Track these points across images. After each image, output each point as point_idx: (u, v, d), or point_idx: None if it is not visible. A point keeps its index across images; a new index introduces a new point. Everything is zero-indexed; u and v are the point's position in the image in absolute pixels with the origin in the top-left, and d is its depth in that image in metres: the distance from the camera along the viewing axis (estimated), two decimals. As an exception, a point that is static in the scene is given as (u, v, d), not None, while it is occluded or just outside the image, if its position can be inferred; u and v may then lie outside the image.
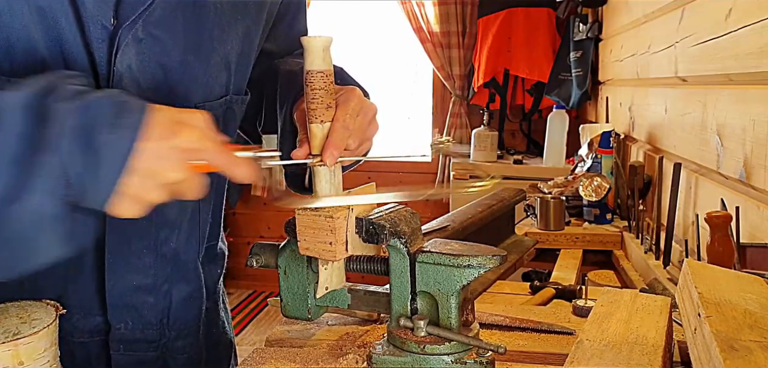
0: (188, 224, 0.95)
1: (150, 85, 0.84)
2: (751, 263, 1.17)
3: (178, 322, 0.97)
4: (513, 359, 0.90)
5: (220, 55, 0.90)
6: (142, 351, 0.95)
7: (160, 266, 0.93)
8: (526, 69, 3.78)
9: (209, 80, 0.90)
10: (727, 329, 0.63)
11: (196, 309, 0.99)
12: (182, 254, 0.95)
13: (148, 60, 0.84)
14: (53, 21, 0.78)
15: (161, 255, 0.93)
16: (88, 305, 0.92)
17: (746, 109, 1.35)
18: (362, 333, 0.95)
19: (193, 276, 0.97)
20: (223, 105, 0.93)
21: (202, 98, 0.89)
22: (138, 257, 0.91)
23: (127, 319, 0.93)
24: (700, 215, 1.39)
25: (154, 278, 0.93)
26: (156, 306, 0.94)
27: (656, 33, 2.07)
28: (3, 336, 0.69)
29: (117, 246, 0.89)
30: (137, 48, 0.82)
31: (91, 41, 0.81)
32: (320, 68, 0.76)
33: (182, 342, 0.98)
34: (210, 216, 1.01)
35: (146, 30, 0.83)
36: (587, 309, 1.02)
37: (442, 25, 4.03)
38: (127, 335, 0.93)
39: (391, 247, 0.78)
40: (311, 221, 0.77)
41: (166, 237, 0.92)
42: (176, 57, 0.86)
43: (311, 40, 0.75)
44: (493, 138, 3.54)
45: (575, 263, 1.81)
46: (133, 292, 0.92)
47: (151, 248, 0.91)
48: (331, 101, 0.77)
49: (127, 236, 0.89)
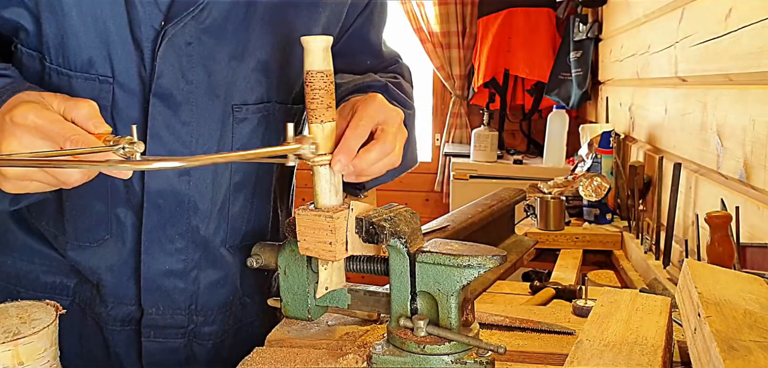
0: (218, 214, 0.99)
1: (191, 83, 0.90)
2: (751, 263, 1.17)
3: (205, 308, 1.02)
4: (513, 359, 0.90)
5: (260, 62, 0.94)
6: (170, 338, 1.01)
7: (190, 251, 0.98)
8: (526, 69, 3.78)
9: (248, 84, 0.94)
10: (726, 329, 0.63)
11: (223, 296, 1.04)
12: (211, 241, 1.00)
13: (194, 61, 0.90)
14: (103, 24, 0.87)
15: (192, 241, 0.98)
16: (122, 293, 0.98)
17: (746, 109, 1.35)
18: (362, 333, 0.95)
19: (221, 263, 1.02)
20: (260, 110, 0.96)
21: (240, 101, 0.94)
22: (171, 242, 0.97)
23: (159, 303, 0.99)
24: (700, 215, 1.39)
25: (185, 263, 0.98)
26: (185, 290, 0.99)
27: (656, 33, 2.07)
28: (3, 336, 0.69)
29: (153, 231, 0.95)
30: (186, 49, 0.88)
31: (141, 40, 0.88)
32: (320, 68, 0.76)
33: (208, 328, 1.03)
34: (248, 210, 1.03)
35: (196, 35, 0.89)
36: (587, 309, 1.02)
37: (442, 25, 4.03)
38: (158, 320, 0.99)
39: (391, 247, 0.78)
40: (311, 221, 0.77)
41: (197, 225, 0.97)
42: (221, 60, 0.91)
43: (311, 40, 0.75)
44: (493, 138, 3.54)
45: (575, 263, 1.81)
46: (164, 276, 0.98)
47: (183, 234, 0.97)
48: (331, 101, 0.77)
49: (162, 221, 0.95)
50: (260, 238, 1.05)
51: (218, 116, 0.94)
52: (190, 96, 0.91)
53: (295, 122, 1.03)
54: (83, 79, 0.89)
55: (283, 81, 0.98)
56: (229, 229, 1.02)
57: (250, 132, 0.97)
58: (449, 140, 4.13)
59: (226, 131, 0.95)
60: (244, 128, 0.96)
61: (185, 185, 0.95)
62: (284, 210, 1.18)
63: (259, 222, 1.06)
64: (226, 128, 0.95)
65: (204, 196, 0.96)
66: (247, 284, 1.09)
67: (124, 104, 0.90)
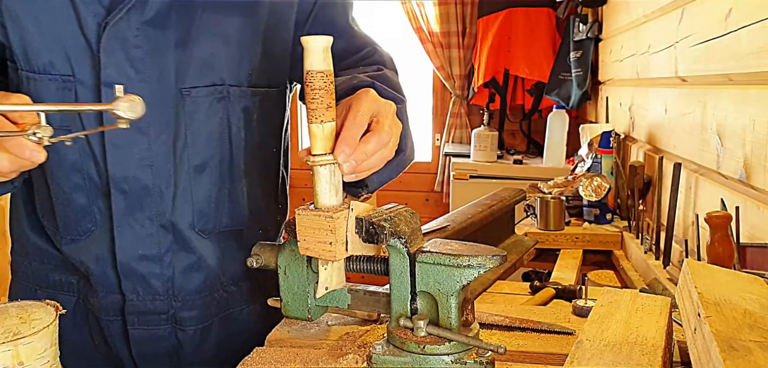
0: (182, 198, 1.01)
1: (142, 72, 0.95)
2: (751, 263, 1.17)
3: (182, 292, 1.05)
4: (513, 359, 0.90)
5: (207, 47, 0.97)
6: (154, 325, 1.04)
7: (161, 236, 1.02)
8: (526, 69, 3.78)
9: (197, 69, 0.98)
10: (726, 329, 0.63)
11: (199, 280, 1.06)
12: (178, 225, 1.02)
13: (143, 52, 0.95)
14: (55, 27, 0.93)
15: (161, 226, 1.01)
16: (108, 281, 1.03)
17: (746, 109, 1.35)
18: (362, 333, 0.95)
19: (192, 247, 1.04)
20: (212, 92, 0.99)
21: (190, 85, 0.98)
22: (142, 226, 1.00)
23: (138, 289, 1.03)
24: (700, 215, 1.39)
25: (158, 247, 1.02)
26: (161, 275, 1.03)
27: (656, 33, 2.07)
28: (3, 336, 0.69)
29: (122, 217, 1.00)
30: (133, 41, 0.93)
31: (89, 37, 0.93)
32: (320, 68, 0.76)
33: (188, 313, 1.06)
34: (215, 194, 1.04)
35: (141, 27, 0.93)
36: (587, 309, 1.02)
37: (442, 25, 4.03)
38: (139, 306, 1.03)
39: (391, 247, 0.78)
40: (311, 221, 0.77)
41: (164, 210, 1.01)
42: (168, 48, 0.95)
43: (311, 40, 0.75)
44: (493, 138, 3.54)
45: (575, 263, 1.81)
46: (139, 261, 1.01)
47: (152, 218, 1.00)
48: (331, 100, 0.77)
49: (130, 207, 0.99)
50: (237, 224, 1.08)
51: (171, 101, 0.97)
52: (141, 85, 0.95)
53: (256, 104, 1.05)
54: (48, 80, 0.96)
55: (233, 65, 1.00)
56: (197, 212, 1.03)
57: (205, 114, 1.00)
58: (449, 140, 4.13)
59: (180, 114, 0.98)
60: (197, 111, 0.99)
61: (147, 171, 0.99)
62: (273, 199, 1.18)
63: (233, 208, 1.07)
64: (179, 112, 0.98)
65: (167, 181, 1.00)
66: (230, 271, 1.10)
67: (86, 99, 0.96)
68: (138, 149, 0.97)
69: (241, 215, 1.08)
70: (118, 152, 0.97)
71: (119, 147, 0.97)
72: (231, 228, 1.08)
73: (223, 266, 1.08)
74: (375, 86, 0.94)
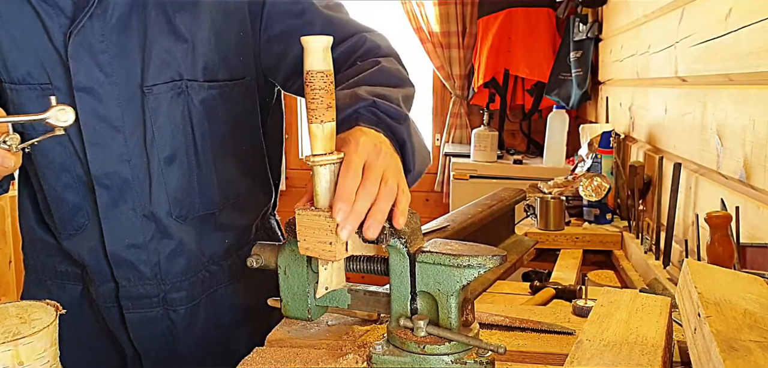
0: (157, 188, 1.07)
1: (111, 75, 1.01)
2: (751, 263, 1.17)
3: (169, 275, 1.11)
4: (513, 359, 0.90)
5: (163, 47, 1.03)
6: (147, 308, 1.11)
7: (144, 225, 1.08)
8: (526, 69, 3.78)
9: (156, 67, 1.03)
10: (726, 329, 0.63)
11: (183, 264, 1.12)
12: (157, 214, 1.08)
13: (109, 56, 1.00)
14: (27, 38, 0.99)
15: (143, 216, 1.07)
16: (102, 271, 1.10)
17: (746, 109, 1.35)
18: (362, 333, 0.95)
19: (172, 234, 1.10)
20: (172, 88, 1.04)
21: (151, 82, 1.03)
22: (126, 218, 1.07)
23: (129, 275, 1.09)
24: (700, 215, 1.39)
25: (143, 236, 1.08)
26: (148, 261, 1.09)
27: (656, 33, 2.07)
28: (3, 336, 0.69)
29: (107, 210, 1.06)
30: (99, 46, 0.99)
31: (58, 46, 0.99)
32: (320, 68, 0.76)
33: (177, 294, 1.12)
34: (188, 183, 1.09)
35: (105, 32, 0.99)
36: (587, 309, 1.02)
37: (442, 25, 4.03)
38: (132, 291, 1.10)
39: (391, 247, 0.78)
40: (311, 221, 0.77)
41: (143, 201, 1.07)
42: (132, 50, 1.01)
43: (310, 40, 0.75)
44: (493, 138, 3.54)
45: (575, 263, 1.81)
46: (127, 249, 1.08)
47: (135, 209, 1.07)
48: (331, 100, 0.77)
49: (113, 200, 1.06)
50: (211, 208, 1.13)
51: (138, 99, 1.03)
52: (111, 86, 1.01)
53: (216, 96, 1.09)
54: (28, 90, 1.02)
55: (188, 61, 1.05)
56: (172, 201, 1.09)
57: (167, 109, 1.05)
58: (449, 140, 4.13)
59: (146, 110, 1.04)
60: (160, 106, 1.04)
61: (126, 166, 1.05)
62: (255, 180, 1.21)
63: (204, 193, 1.12)
64: (145, 108, 1.04)
65: (143, 173, 1.06)
66: (208, 252, 1.15)
67: (62, 101, 0.97)
68: (116, 145, 1.04)
69: (213, 199, 1.13)
70: (99, 151, 1.03)
71: (99, 146, 1.03)
72: (204, 212, 1.13)
73: (202, 249, 1.15)
74: (376, 106, 0.91)
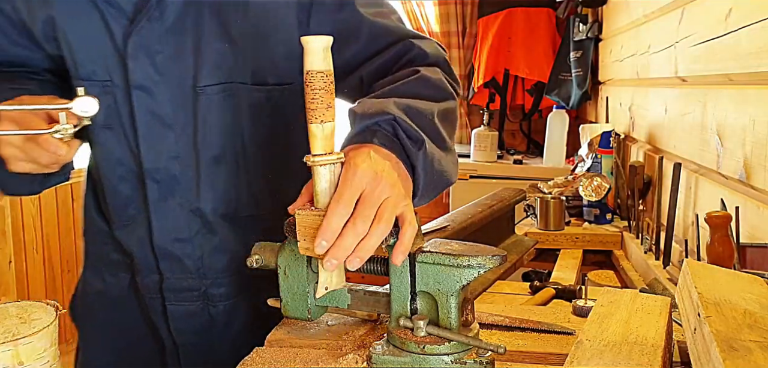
0: (204, 186, 1.10)
1: (164, 74, 1.05)
2: (751, 263, 1.17)
3: (211, 271, 1.14)
4: (513, 359, 0.90)
5: (217, 50, 1.06)
6: (188, 301, 1.15)
7: (190, 220, 1.12)
8: (526, 69, 3.78)
9: (209, 69, 1.06)
10: (726, 329, 0.63)
11: (225, 261, 1.15)
12: (203, 211, 1.12)
13: (164, 56, 1.04)
14: (93, 39, 1.05)
15: (190, 211, 1.11)
16: (149, 262, 1.14)
17: (746, 109, 1.35)
18: (362, 333, 0.95)
19: (216, 231, 1.13)
20: (224, 90, 1.08)
21: (204, 83, 1.06)
22: (174, 213, 1.11)
23: (173, 268, 1.13)
24: (700, 215, 1.39)
25: (188, 231, 1.12)
26: (192, 255, 1.13)
27: (656, 33, 2.07)
28: (3, 336, 0.69)
29: (157, 203, 1.10)
30: (156, 47, 1.03)
31: (120, 46, 1.04)
32: (320, 68, 0.76)
33: (218, 290, 1.15)
34: (234, 182, 1.12)
35: (162, 33, 1.03)
36: (587, 309, 1.02)
37: (442, 25, 4.03)
38: (175, 283, 1.14)
39: (391, 247, 0.78)
40: (311, 221, 0.77)
41: (190, 198, 1.11)
42: (186, 51, 1.05)
43: (310, 40, 0.75)
44: (493, 138, 3.54)
45: (575, 263, 1.81)
46: (173, 243, 1.12)
47: (182, 205, 1.11)
48: (331, 100, 0.77)
49: (163, 194, 1.10)
50: (256, 211, 1.15)
51: (189, 98, 1.07)
52: (164, 85, 1.05)
53: (264, 100, 1.11)
54: (91, 86, 1.06)
55: (238, 64, 1.08)
56: (218, 199, 1.12)
57: (217, 109, 1.08)
58: (449, 140, 4.12)
59: (197, 111, 1.08)
60: (210, 107, 1.08)
61: (175, 163, 1.09)
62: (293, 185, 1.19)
63: (251, 196, 1.15)
64: (197, 109, 1.07)
65: (191, 171, 1.09)
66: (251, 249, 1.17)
67: (124, 101, 1.07)
68: (167, 142, 1.08)
69: (258, 200, 1.15)
70: (151, 146, 1.08)
71: (151, 141, 1.08)
72: (249, 213, 1.15)
73: (246, 250, 1.14)
74: (397, 124, 0.89)
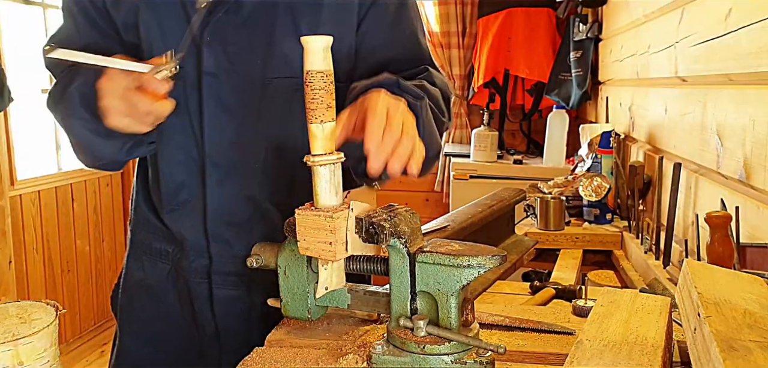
0: (262, 173, 1.16)
1: (234, 63, 1.11)
2: (751, 263, 1.17)
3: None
4: (513, 359, 0.90)
5: (287, 45, 1.12)
6: (233, 286, 1.19)
7: (244, 206, 1.16)
8: (526, 69, 3.78)
9: (278, 63, 1.13)
10: (726, 329, 0.63)
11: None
12: (258, 198, 1.16)
13: (237, 48, 1.11)
14: (171, 27, 1.11)
15: (245, 197, 1.16)
16: (200, 246, 1.19)
17: (746, 109, 1.35)
18: (362, 333, 0.95)
19: (268, 218, 1.17)
20: (291, 84, 1.13)
21: (273, 75, 1.13)
22: (230, 197, 1.16)
23: (223, 252, 1.18)
24: (700, 215, 1.39)
25: (241, 215, 1.16)
26: (243, 240, 1.15)
27: (656, 33, 2.07)
28: (3, 336, 0.69)
29: (214, 187, 1.15)
30: (230, 39, 1.10)
31: (195, 36, 1.10)
32: (320, 68, 0.76)
33: (262, 275, 1.17)
34: (291, 173, 1.16)
35: (236, 27, 1.10)
36: (587, 309, 1.02)
37: (442, 25, 4.03)
38: (223, 267, 1.19)
39: (391, 247, 0.78)
40: (311, 221, 0.77)
41: (248, 183, 1.16)
42: (258, 45, 1.12)
43: (311, 40, 0.75)
44: (493, 138, 3.54)
45: (575, 263, 1.81)
46: (226, 227, 1.17)
47: (238, 191, 1.15)
48: (331, 100, 0.77)
49: (220, 179, 1.15)
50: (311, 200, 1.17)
51: (257, 88, 1.13)
52: (234, 75, 1.12)
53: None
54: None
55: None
56: (274, 188, 1.17)
57: (282, 103, 1.13)
58: (449, 140, 4.12)
59: (263, 100, 1.13)
60: (276, 99, 1.13)
61: (237, 149, 1.14)
62: (357, 186, 1.28)
63: (308, 188, 1.17)
64: (263, 98, 1.13)
65: (251, 159, 1.15)
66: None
67: (192, 87, 1.14)
68: (229, 130, 1.13)
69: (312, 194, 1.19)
70: (214, 133, 1.13)
71: (216, 127, 1.13)
72: (306, 199, 1.18)
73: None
74: (399, 83, 1.04)
